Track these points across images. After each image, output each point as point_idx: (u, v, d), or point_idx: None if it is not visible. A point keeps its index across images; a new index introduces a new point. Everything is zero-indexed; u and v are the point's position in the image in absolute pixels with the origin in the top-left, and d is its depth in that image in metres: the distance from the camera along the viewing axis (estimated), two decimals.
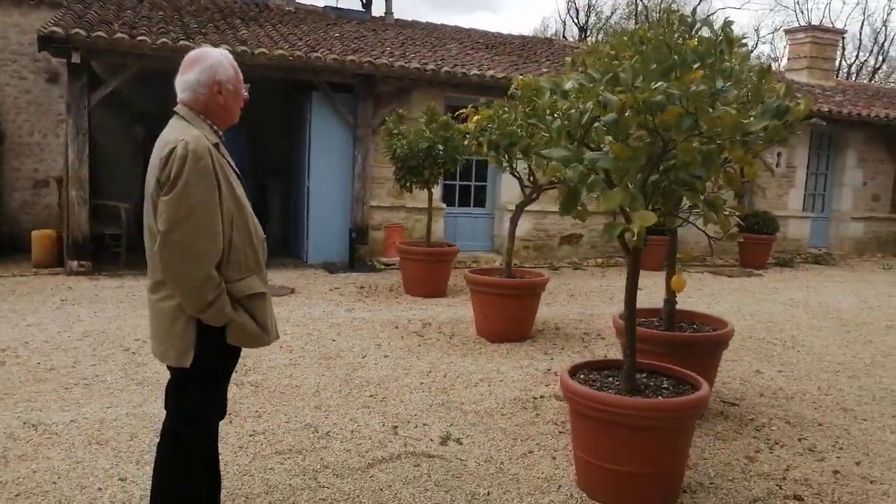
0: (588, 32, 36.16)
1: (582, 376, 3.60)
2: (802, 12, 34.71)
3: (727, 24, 2.96)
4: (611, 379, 3.61)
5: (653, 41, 2.94)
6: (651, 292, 9.18)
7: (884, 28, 36.14)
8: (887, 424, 4.56)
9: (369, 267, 9.97)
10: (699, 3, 34.57)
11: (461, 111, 6.68)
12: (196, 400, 2.59)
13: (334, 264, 9.88)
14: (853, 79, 30.41)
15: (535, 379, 5.21)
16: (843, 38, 18.70)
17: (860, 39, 33.63)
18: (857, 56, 34.03)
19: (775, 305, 8.61)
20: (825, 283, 10.70)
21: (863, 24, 37.39)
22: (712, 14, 33.35)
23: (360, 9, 14.89)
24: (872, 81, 30.79)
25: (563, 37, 33.85)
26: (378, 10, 14.94)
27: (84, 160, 8.71)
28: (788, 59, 16.00)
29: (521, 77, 6.14)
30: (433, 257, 8.13)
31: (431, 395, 4.76)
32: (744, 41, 3.25)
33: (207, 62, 2.52)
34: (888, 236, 14.73)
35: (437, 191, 8.46)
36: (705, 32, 3.73)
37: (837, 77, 21.32)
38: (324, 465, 3.63)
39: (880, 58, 34.29)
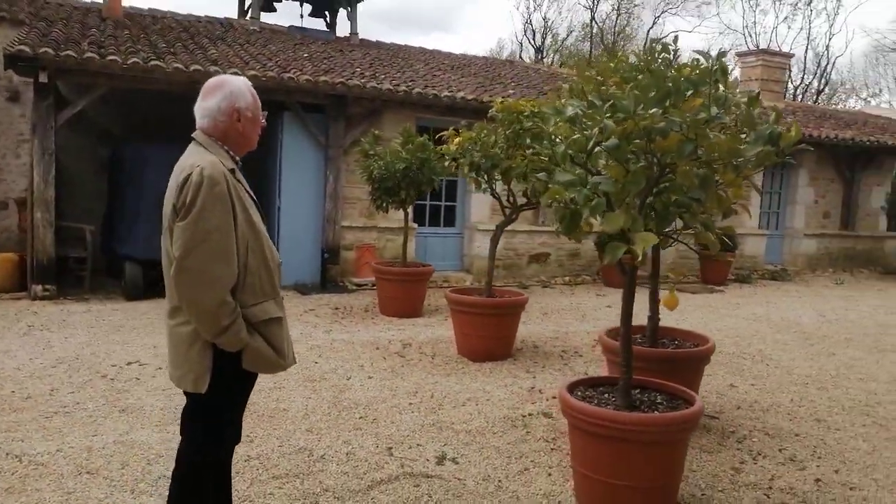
0: (544, 54, 36.90)
1: (579, 393, 3.68)
2: (751, 36, 36.02)
3: (721, 54, 3.11)
4: (607, 395, 3.71)
5: (651, 70, 3.06)
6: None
7: (826, 52, 37.73)
8: (859, 433, 4.75)
9: (342, 288, 9.94)
10: (652, 27, 35.69)
11: (442, 133, 6.77)
12: (212, 425, 2.58)
13: (306, 285, 9.82)
14: (799, 100, 31.65)
15: (521, 397, 5.28)
16: (790, 61, 19.47)
17: (805, 63, 34.97)
18: (802, 79, 35.46)
19: (739, 321, 8.88)
20: (783, 298, 11.08)
21: (807, 48, 38.97)
22: (664, 37, 34.29)
23: (325, 29, 14.86)
24: (817, 103, 32.10)
25: (521, 58, 34.47)
26: (342, 30, 14.98)
27: (50, 181, 8.51)
28: (740, 81, 16.60)
29: (500, 100, 6.28)
30: (409, 277, 8.17)
31: (421, 415, 4.79)
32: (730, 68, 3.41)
33: (228, 89, 2.55)
34: (839, 252, 15.32)
35: (409, 211, 8.52)
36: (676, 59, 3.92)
37: (785, 99, 22.19)
38: (323, 488, 3.63)
39: (823, 80, 35.81)
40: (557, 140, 3.17)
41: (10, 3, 11.09)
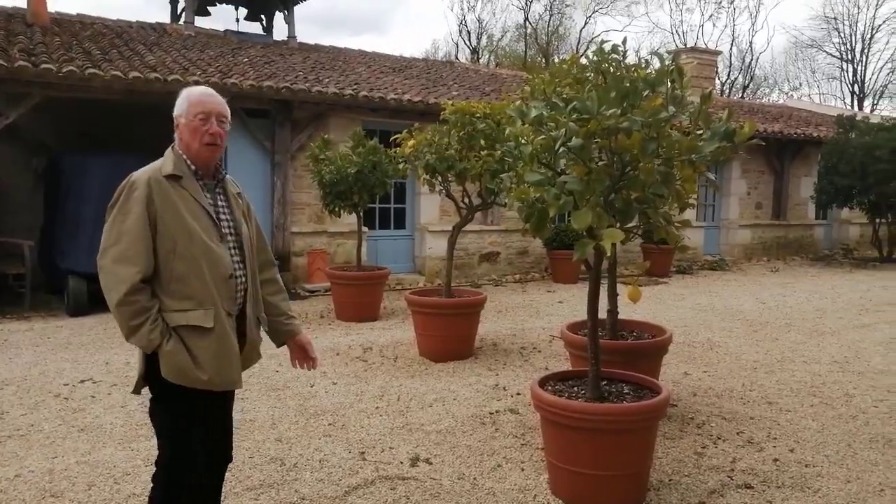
0: (480, 54, 37.27)
1: (549, 387, 3.77)
2: (678, 34, 37.24)
3: (677, 55, 3.23)
4: (576, 388, 3.80)
5: (608, 71, 3.17)
6: (572, 305, 9.58)
7: (750, 49, 39.35)
8: (808, 413, 5.00)
9: (294, 294, 9.82)
10: (584, 27, 36.46)
11: (396, 136, 6.79)
12: (177, 443, 2.57)
13: None
14: (726, 96, 32.87)
15: (486, 395, 5.34)
16: (718, 58, 20.22)
17: (730, 60, 36.37)
18: (728, 74, 36.86)
19: (685, 311, 9.19)
20: (724, 287, 11.51)
21: (731, 45, 40.56)
22: (596, 37, 35.19)
23: (262, 33, 14.66)
24: (743, 98, 33.41)
25: (457, 58, 34.72)
26: (279, 34, 14.81)
27: None
28: None
29: (451, 102, 6.34)
30: (366, 281, 8.15)
31: (390, 418, 4.80)
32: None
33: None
34: (772, 241, 16.01)
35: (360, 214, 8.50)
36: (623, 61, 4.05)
37: (714, 94, 22.99)
38: (300, 496, 3.60)
39: (748, 76, 37.31)
40: (523, 141, 3.24)
41: None
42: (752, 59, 37.58)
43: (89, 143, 9.97)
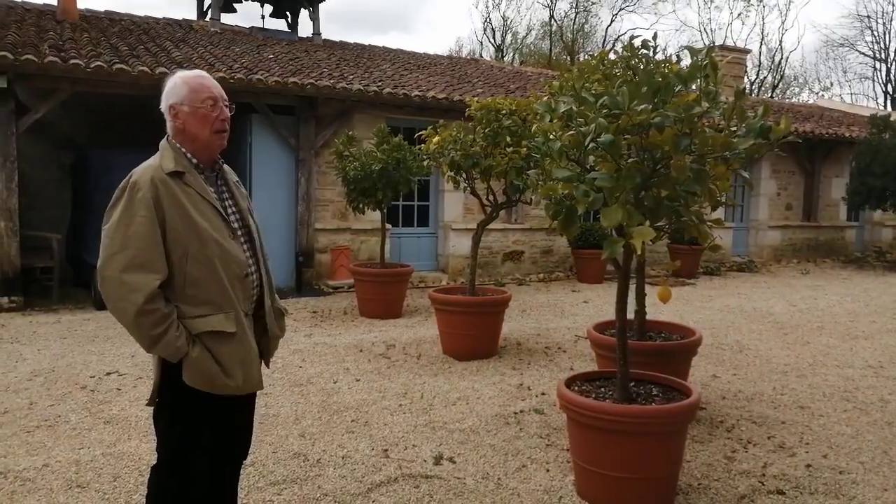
0: (505, 52, 37.12)
1: (576, 388, 3.70)
2: (706, 32, 36.78)
3: (710, 49, 3.15)
4: (603, 389, 3.73)
5: (639, 66, 3.09)
6: (597, 305, 9.48)
7: (779, 48, 38.76)
8: (841, 419, 4.87)
9: (317, 291, 9.85)
10: (610, 25, 36.14)
11: (420, 133, 6.75)
12: (169, 446, 2.48)
13: (281, 289, 9.70)
14: (755, 95, 32.38)
15: (510, 394, 5.29)
16: (746, 57, 19.93)
17: (759, 59, 35.84)
18: (757, 73, 36.31)
19: (714, 312, 9.04)
20: (753, 289, 11.31)
21: (761, 44, 39.98)
22: (623, 34, 34.90)
23: (286, 29, 14.71)
24: (773, 97, 32.90)
25: (481, 55, 34.64)
26: (303, 31, 14.87)
27: (13, 189, 8.25)
28: None
29: (477, 99, 6.29)
30: (388, 278, 8.13)
31: (413, 416, 4.76)
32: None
33: (165, 89, 2.42)
34: (802, 243, 15.72)
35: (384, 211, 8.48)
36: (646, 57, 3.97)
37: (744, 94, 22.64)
38: (322, 493, 3.58)
39: (777, 75, 36.73)
40: (551, 136, 3.18)
41: None
42: (781, 58, 37.07)
43: (116, 138, 10.08)
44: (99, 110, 10.38)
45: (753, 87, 35.54)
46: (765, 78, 36.60)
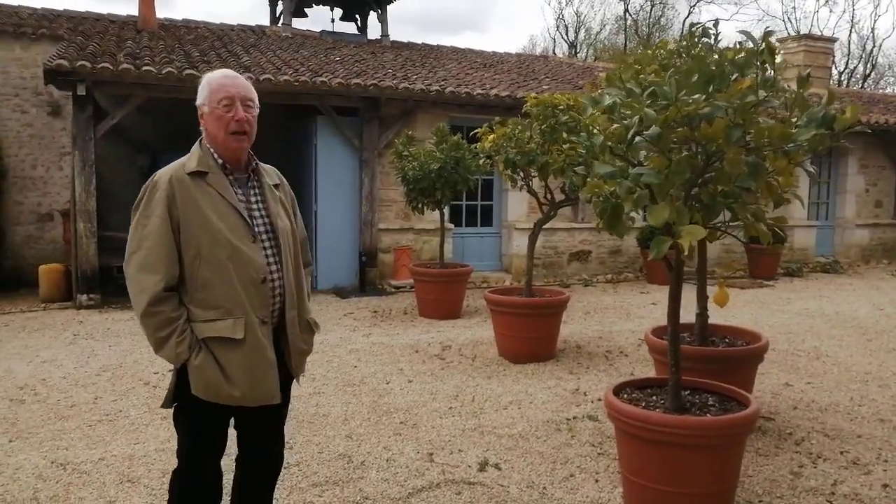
0: (578, 48, 36.49)
1: (625, 395, 3.53)
2: (790, 21, 35.08)
3: (768, 34, 2.93)
4: (654, 397, 3.54)
5: (694, 52, 2.90)
6: (666, 307, 9.11)
7: (871, 35, 36.53)
8: None
9: (380, 290, 9.89)
10: (687, 17, 34.98)
11: (476, 131, 6.65)
12: (183, 442, 2.51)
13: (344, 289, 9.80)
14: (844, 86, 30.65)
15: (565, 399, 5.12)
16: (833, 46, 18.80)
17: (849, 47, 33.93)
18: (846, 64, 34.37)
19: (792, 316, 8.55)
20: (837, 291, 10.65)
21: (850, 31, 37.79)
22: (699, 25, 33.65)
23: (356, 32, 14.89)
24: (864, 88, 31.07)
25: (554, 53, 34.17)
26: (373, 33, 14.98)
27: (91, 192, 8.65)
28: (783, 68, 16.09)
29: (534, 95, 6.14)
30: (448, 278, 8.06)
31: (462, 419, 4.68)
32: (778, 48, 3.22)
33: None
34: (893, 242, 14.72)
35: (444, 211, 8.43)
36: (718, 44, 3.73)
37: (831, 85, 21.46)
38: (363, 496, 3.54)
39: (869, 65, 34.64)
40: (595, 131, 3.02)
41: (49, 20, 11.35)
42: (873, 47, 34.90)
43: (190, 141, 10.41)
44: (173, 114, 10.74)
45: (842, 77, 33.66)
46: (855, 67, 34.60)
